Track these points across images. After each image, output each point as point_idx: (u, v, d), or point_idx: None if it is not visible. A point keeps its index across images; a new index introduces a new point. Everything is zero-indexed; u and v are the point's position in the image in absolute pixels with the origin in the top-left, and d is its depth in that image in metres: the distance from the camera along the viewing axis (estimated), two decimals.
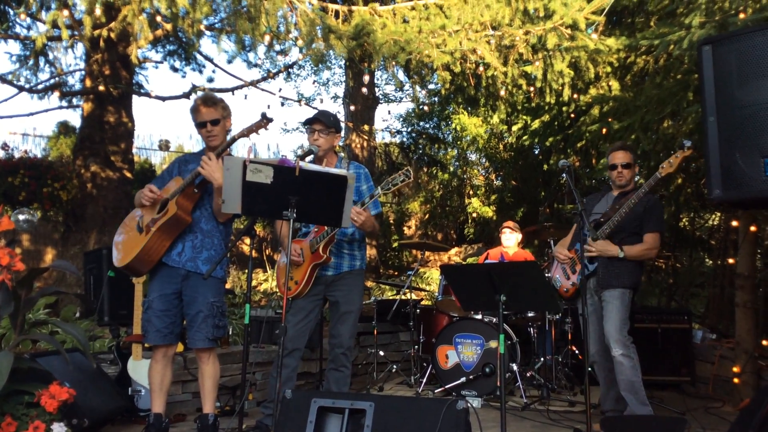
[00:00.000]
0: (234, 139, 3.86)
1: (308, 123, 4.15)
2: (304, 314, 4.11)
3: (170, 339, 3.86)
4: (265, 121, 3.80)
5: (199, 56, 11.09)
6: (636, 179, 4.55)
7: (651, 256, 4.35)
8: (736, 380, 5.16)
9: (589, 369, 3.92)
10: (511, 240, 6.71)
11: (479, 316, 5.80)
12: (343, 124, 12.50)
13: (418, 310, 6.48)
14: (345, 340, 4.13)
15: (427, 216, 14.65)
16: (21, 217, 8.01)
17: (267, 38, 5.76)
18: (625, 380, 4.16)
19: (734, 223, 5.70)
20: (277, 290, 4.37)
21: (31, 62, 9.19)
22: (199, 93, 9.15)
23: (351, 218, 3.67)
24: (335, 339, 4.15)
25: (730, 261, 6.37)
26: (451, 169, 15.03)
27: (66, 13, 5.79)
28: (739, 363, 5.18)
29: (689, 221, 8.52)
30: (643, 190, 4.12)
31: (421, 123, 15.57)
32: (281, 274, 4.30)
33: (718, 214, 7.66)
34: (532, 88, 7.53)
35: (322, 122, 4.10)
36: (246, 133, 3.82)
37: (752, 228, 5.22)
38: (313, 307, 4.17)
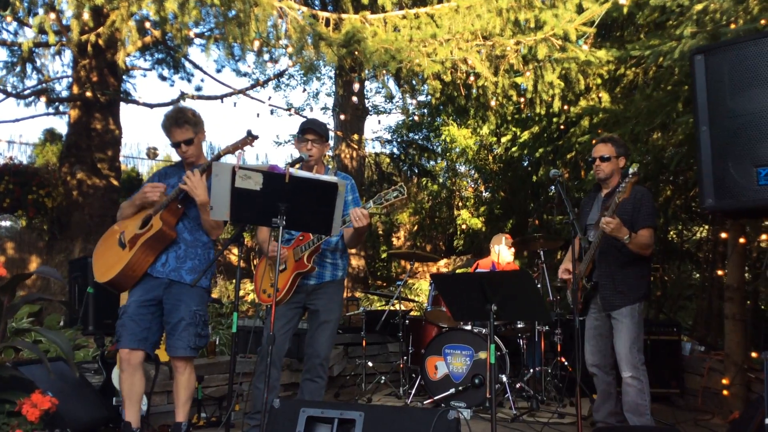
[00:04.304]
0: (219, 156, 3.81)
1: (301, 132, 4.10)
2: (284, 322, 4.04)
3: (143, 345, 3.75)
4: (250, 138, 3.78)
5: (188, 64, 11.07)
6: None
7: (646, 254, 4.15)
8: (725, 392, 5.15)
9: (579, 381, 3.87)
10: (507, 254, 6.68)
11: (468, 327, 5.76)
12: (332, 134, 12.51)
13: (407, 321, 6.43)
14: (322, 350, 4.05)
15: (416, 227, 14.63)
16: (4, 223, 7.91)
17: (256, 44, 5.73)
18: (630, 402, 4.09)
19: (723, 235, 5.71)
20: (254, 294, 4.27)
21: (18, 69, 9.11)
22: (187, 102, 9.14)
23: (359, 219, 3.65)
24: (312, 348, 4.06)
25: (719, 273, 6.37)
26: (441, 180, 15.03)
27: (53, 17, 5.73)
28: (728, 375, 5.16)
29: (677, 234, 8.54)
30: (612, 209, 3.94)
31: (411, 134, 15.59)
32: (259, 278, 4.22)
33: (706, 226, 7.68)
34: (522, 99, 7.54)
35: (315, 132, 4.07)
36: (231, 149, 3.79)
37: (741, 240, 5.21)
38: (293, 315, 4.11)
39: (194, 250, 3.88)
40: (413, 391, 5.85)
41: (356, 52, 5.84)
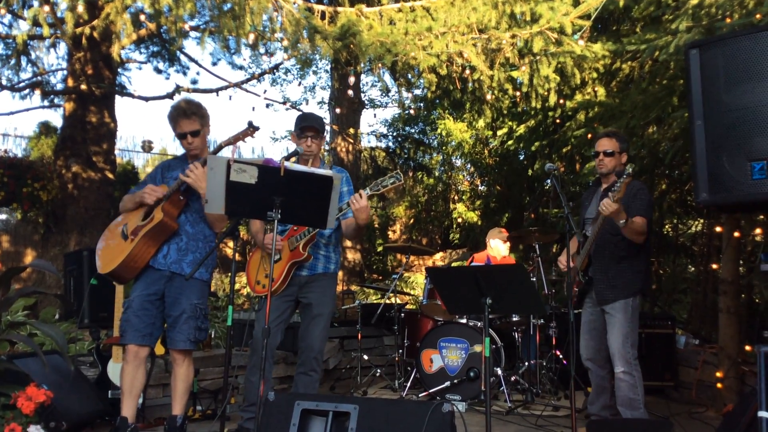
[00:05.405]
0: (220, 147, 3.83)
1: (301, 129, 4.08)
2: (277, 314, 4.03)
3: (147, 340, 3.77)
4: (251, 129, 3.78)
5: (183, 57, 11.06)
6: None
7: (639, 241, 4.09)
8: (719, 385, 5.17)
9: (574, 374, 3.88)
10: (502, 248, 6.68)
11: (464, 320, 5.77)
12: (328, 128, 12.48)
13: (402, 314, 6.44)
14: (316, 343, 4.04)
15: (412, 221, 14.63)
16: None
17: (252, 36, 5.70)
18: (623, 396, 4.09)
19: (718, 229, 5.72)
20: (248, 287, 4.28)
21: (12, 62, 9.08)
22: (182, 95, 9.11)
23: (357, 201, 3.64)
24: (306, 342, 4.05)
25: (714, 267, 6.39)
26: (437, 174, 15.02)
27: (47, 9, 5.71)
28: (722, 368, 5.18)
29: (672, 228, 8.55)
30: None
31: (407, 128, 15.57)
32: (252, 269, 4.23)
33: (701, 220, 7.70)
34: (518, 93, 7.54)
35: (315, 129, 4.08)
36: (232, 141, 3.80)
37: (736, 234, 5.23)
38: (285, 308, 4.10)
39: (196, 243, 3.89)
40: (408, 384, 5.86)
41: (352, 46, 5.83)
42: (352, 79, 8.17)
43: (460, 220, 13.22)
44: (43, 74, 10.19)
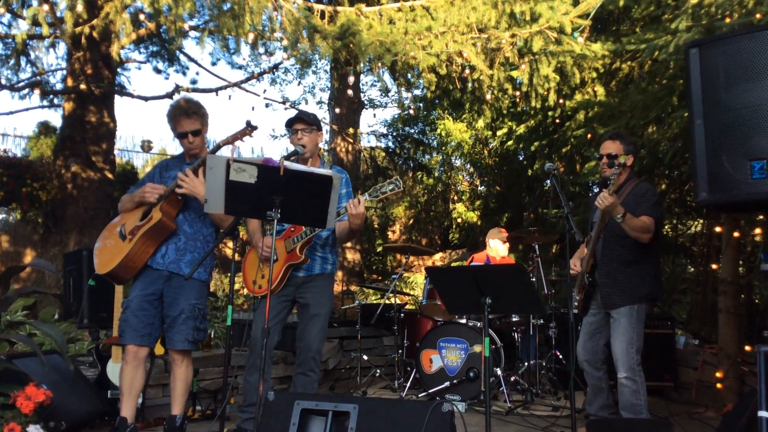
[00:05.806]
0: (218, 147, 3.83)
1: (289, 124, 4.09)
2: (273, 314, 4.02)
3: (146, 340, 3.77)
4: (249, 128, 3.77)
5: (182, 57, 11.06)
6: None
7: (644, 239, 4.00)
8: (719, 385, 5.17)
9: (573, 374, 3.86)
10: (502, 248, 6.67)
11: (463, 321, 5.77)
12: (327, 127, 12.48)
13: (402, 315, 6.44)
14: (314, 343, 4.02)
15: (411, 221, 14.62)
16: None
17: (251, 36, 5.70)
18: (625, 401, 4.06)
19: (717, 229, 5.72)
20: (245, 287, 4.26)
21: (12, 61, 9.08)
22: (182, 95, 9.11)
23: (355, 206, 3.63)
24: (304, 342, 4.03)
25: (713, 267, 6.39)
26: (436, 174, 15.01)
27: (47, 8, 5.70)
28: (722, 368, 5.18)
29: (672, 228, 8.55)
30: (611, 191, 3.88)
31: (406, 128, 15.57)
32: (249, 269, 4.22)
33: (701, 220, 7.70)
34: (517, 93, 7.53)
35: (303, 121, 4.03)
36: (231, 140, 3.79)
37: (735, 234, 5.23)
38: (282, 308, 4.09)
39: (194, 243, 3.89)
40: (408, 385, 5.86)
41: (351, 45, 5.83)
42: (351, 79, 8.18)
43: (459, 220, 13.21)
44: (43, 74, 10.20)
